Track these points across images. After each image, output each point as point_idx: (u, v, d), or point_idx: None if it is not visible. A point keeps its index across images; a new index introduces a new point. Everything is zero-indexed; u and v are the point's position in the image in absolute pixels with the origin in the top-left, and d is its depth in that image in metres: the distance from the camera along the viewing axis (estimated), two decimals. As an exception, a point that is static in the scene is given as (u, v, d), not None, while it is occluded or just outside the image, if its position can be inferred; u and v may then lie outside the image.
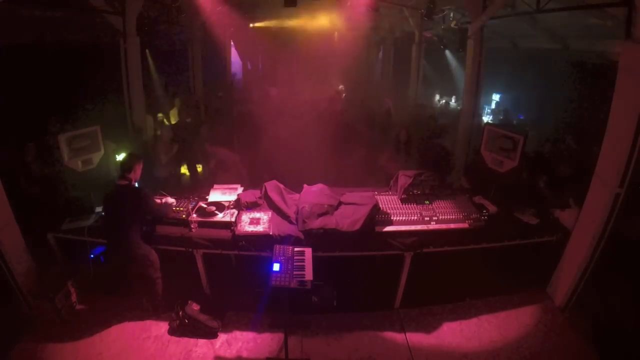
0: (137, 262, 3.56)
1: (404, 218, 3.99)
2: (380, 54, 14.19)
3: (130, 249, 3.50)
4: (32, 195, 4.54)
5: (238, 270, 4.30)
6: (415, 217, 4.01)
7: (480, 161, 4.61)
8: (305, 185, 4.34)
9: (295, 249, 3.30)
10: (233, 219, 3.87)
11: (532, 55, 9.09)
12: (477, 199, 4.37)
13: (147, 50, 8.31)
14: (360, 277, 4.15)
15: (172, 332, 3.75)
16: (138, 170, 3.57)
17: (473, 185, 4.79)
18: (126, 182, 3.47)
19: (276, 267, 3.08)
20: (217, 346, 3.64)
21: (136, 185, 3.62)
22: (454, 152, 6.61)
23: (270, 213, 4.04)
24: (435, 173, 4.34)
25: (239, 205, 4.09)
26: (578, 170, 4.69)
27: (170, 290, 4.06)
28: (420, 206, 4.17)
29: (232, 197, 4.19)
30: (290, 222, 3.96)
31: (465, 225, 3.96)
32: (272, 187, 4.28)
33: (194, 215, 3.92)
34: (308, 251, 3.29)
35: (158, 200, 3.88)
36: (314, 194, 4.16)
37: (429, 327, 3.87)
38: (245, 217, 3.95)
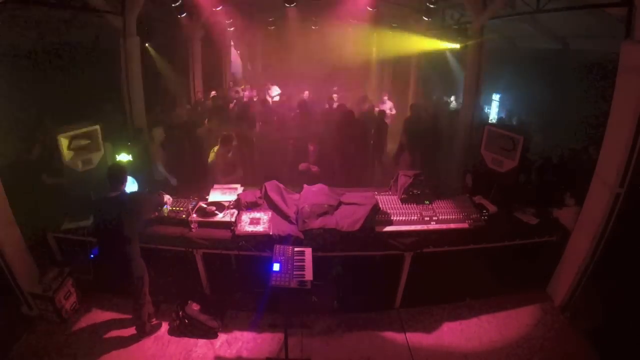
0: (132, 278, 3.35)
1: (404, 218, 3.99)
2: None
3: (128, 262, 3.29)
4: (33, 194, 4.53)
5: (238, 270, 4.30)
6: (415, 217, 4.01)
7: (480, 161, 4.62)
8: (305, 185, 4.34)
9: (295, 249, 3.30)
10: (233, 219, 3.87)
11: (532, 55, 9.09)
12: (477, 199, 4.37)
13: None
14: (360, 277, 4.15)
15: (172, 332, 3.75)
16: (126, 180, 3.43)
17: (477, 184, 4.79)
18: (118, 193, 3.30)
19: (276, 267, 3.07)
20: (217, 346, 3.64)
21: (127, 191, 3.49)
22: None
23: (270, 213, 4.04)
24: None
25: (239, 205, 4.09)
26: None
27: (170, 290, 4.07)
28: (420, 206, 4.17)
29: (232, 197, 4.19)
30: (290, 222, 3.96)
31: (465, 225, 3.96)
32: (272, 187, 4.28)
33: (194, 215, 3.92)
34: (308, 251, 3.28)
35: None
36: (314, 194, 4.16)
37: (429, 327, 3.87)
38: (245, 217, 3.95)
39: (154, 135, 5.63)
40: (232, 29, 11.17)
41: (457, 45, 7.50)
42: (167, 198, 3.87)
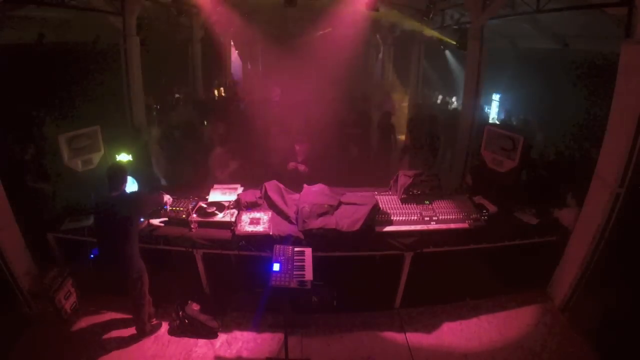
0: (131, 278, 3.36)
1: (404, 218, 3.99)
2: (380, 54, 14.18)
3: (127, 262, 3.30)
4: (32, 194, 4.53)
5: (238, 270, 4.30)
6: (415, 217, 4.01)
7: (481, 161, 4.62)
8: (305, 185, 4.34)
9: (295, 249, 3.30)
10: (233, 219, 3.87)
11: (532, 55, 9.09)
12: (477, 199, 4.37)
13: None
14: (360, 277, 4.14)
15: (172, 332, 3.75)
16: (126, 180, 3.45)
17: (477, 184, 4.80)
18: (118, 193, 3.31)
19: (276, 267, 3.08)
20: (217, 346, 3.64)
21: (128, 191, 3.49)
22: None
23: (270, 213, 4.04)
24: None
25: (239, 205, 4.09)
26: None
27: (170, 290, 4.07)
28: (420, 206, 4.17)
29: (232, 197, 4.19)
30: (290, 222, 3.96)
31: (465, 225, 3.96)
32: (272, 187, 4.28)
33: (194, 215, 3.92)
34: (308, 251, 3.28)
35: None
36: (314, 194, 4.16)
37: (429, 327, 3.87)
38: (245, 217, 3.95)
39: (153, 134, 5.65)
40: (231, 29, 11.16)
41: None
42: (167, 198, 3.87)
